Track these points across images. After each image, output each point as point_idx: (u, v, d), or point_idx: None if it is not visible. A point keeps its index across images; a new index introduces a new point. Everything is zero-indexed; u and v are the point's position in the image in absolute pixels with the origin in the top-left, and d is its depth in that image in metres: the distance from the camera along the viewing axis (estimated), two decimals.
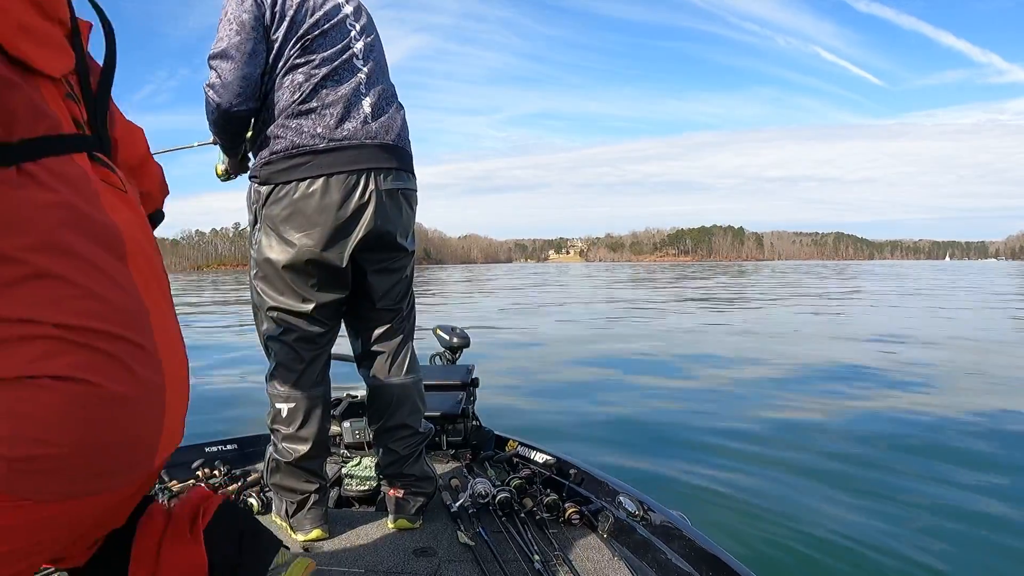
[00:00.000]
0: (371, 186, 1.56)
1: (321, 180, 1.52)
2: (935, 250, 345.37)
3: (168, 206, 1.14)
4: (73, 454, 0.70)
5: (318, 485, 1.68)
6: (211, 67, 1.51)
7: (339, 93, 1.55)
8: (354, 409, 2.22)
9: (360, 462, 1.98)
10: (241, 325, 11.48)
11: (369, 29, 1.66)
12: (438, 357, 2.55)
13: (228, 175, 1.85)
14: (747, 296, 18.99)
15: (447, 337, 2.53)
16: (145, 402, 0.77)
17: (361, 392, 2.24)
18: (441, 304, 16.01)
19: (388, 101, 1.64)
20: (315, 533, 1.64)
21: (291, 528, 1.66)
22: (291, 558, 1.06)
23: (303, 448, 1.64)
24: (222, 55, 1.48)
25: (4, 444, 0.66)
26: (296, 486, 1.65)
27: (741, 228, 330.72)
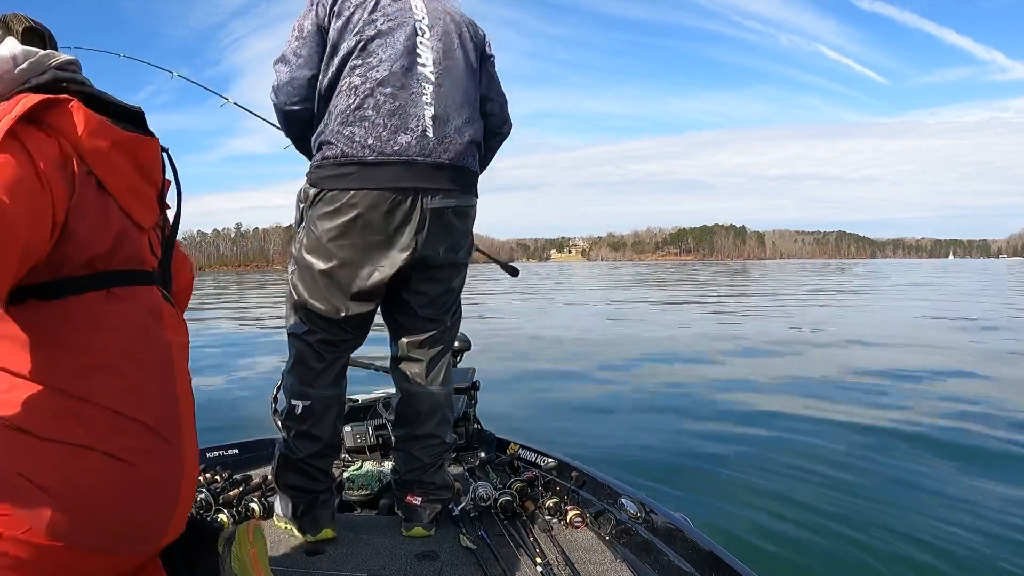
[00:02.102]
0: (417, 208, 1.51)
1: (363, 194, 1.49)
2: (937, 248, 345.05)
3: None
4: (108, 516, 0.85)
5: (326, 485, 1.67)
6: (274, 70, 1.59)
7: (397, 103, 1.50)
8: (356, 413, 2.22)
9: (361, 466, 1.99)
10: (242, 325, 11.50)
11: (449, 42, 1.58)
12: None
13: None
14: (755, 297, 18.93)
15: None
16: (166, 489, 0.93)
17: (363, 396, 2.25)
18: None
19: (458, 113, 1.57)
20: (325, 532, 1.63)
21: (299, 528, 1.64)
22: (234, 529, 1.13)
23: (314, 446, 1.63)
24: (281, 59, 1.56)
25: (57, 496, 0.80)
26: (305, 485, 1.64)
27: (743, 227, 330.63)
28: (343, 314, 1.58)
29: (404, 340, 1.71)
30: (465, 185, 1.61)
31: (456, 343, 2.50)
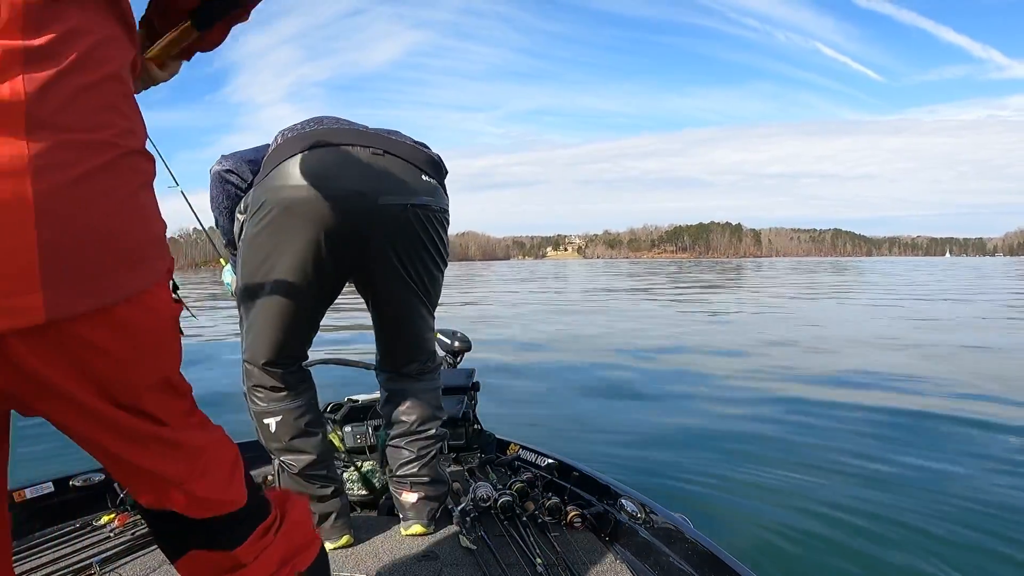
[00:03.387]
0: (346, 156, 1.40)
1: (291, 159, 1.40)
2: (933, 246, 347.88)
3: (165, 204, 1.11)
4: None
5: (334, 488, 1.63)
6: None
7: (338, 121, 1.53)
8: (355, 413, 2.22)
9: (362, 466, 1.98)
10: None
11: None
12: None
13: None
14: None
15: (448, 341, 2.52)
16: None
17: (363, 396, 2.24)
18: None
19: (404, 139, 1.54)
20: (344, 539, 1.62)
21: None
22: None
23: (305, 458, 1.60)
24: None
25: None
26: (313, 492, 1.61)
27: (739, 225, 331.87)
28: (291, 314, 1.50)
29: (388, 338, 1.69)
30: (431, 170, 1.51)
31: (456, 343, 2.51)
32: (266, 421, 1.58)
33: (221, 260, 1.82)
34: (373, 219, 1.43)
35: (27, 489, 1.77)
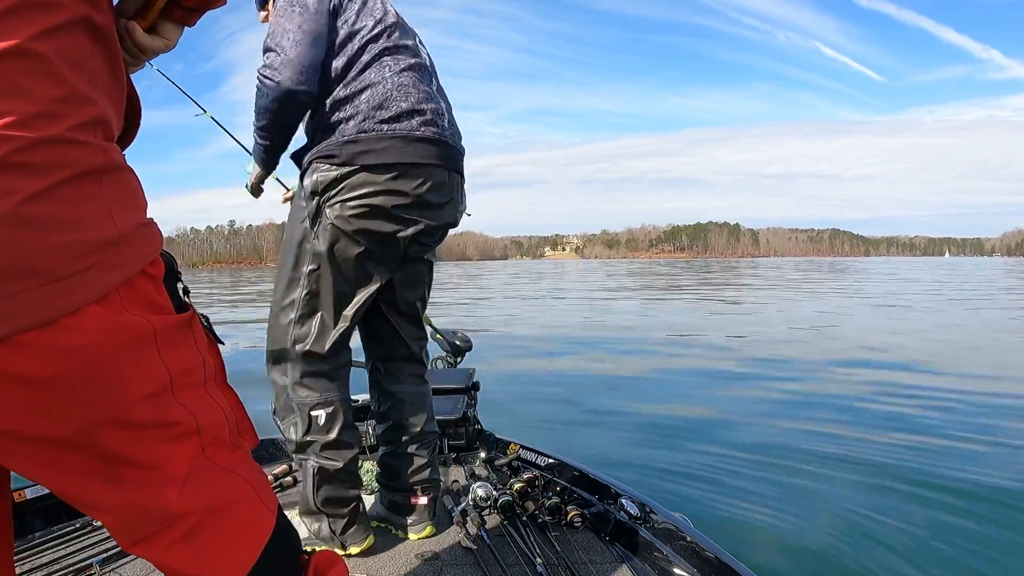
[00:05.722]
0: (448, 182, 1.55)
1: (400, 171, 1.45)
2: (931, 246, 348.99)
3: (162, 203, 0.98)
4: None
5: (360, 490, 1.63)
6: (269, 50, 1.37)
7: (421, 90, 1.50)
8: (356, 413, 2.21)
9: (362, 466, 1.98)
10: (238, 321, 11.44)
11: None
12: (440, 361, 2.55)
13: (259, 190, 1.69)
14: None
15: (449, 341, 2.52)
16: None
17: (362, 397, 2.24)
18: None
19: (447, 104, 1.63)
20: (368, 542, 1.60)
21: (343, 546, 1.58)
22: None
23: (350, 452, 1.58)
24: (282, 34, 1.36)
25: None
26: (343, 495, 1.57)
27: (737, 225, 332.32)
28: (356, 307, 1.55)
29: (386, 341, 1.71)
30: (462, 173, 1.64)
31: (457, 343, 2.52)
32: (315, 413, 1.53)
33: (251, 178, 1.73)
34: (436, 234, 1.61)
35: (27, 489, 1.76)
